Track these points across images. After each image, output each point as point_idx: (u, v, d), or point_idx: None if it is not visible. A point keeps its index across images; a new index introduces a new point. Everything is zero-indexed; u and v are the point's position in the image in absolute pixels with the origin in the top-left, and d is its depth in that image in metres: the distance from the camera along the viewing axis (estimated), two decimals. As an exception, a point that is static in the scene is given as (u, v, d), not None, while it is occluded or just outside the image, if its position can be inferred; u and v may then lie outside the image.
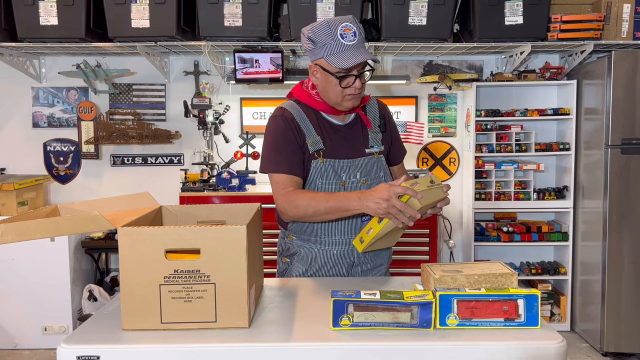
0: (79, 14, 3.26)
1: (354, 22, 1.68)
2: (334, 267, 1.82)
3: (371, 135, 1.82)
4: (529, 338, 1.22)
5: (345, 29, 1.65)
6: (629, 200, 3.32)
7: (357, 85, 1.69)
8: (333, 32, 1.64)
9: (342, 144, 1.79)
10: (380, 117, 1.85)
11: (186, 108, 3.70)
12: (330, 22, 1.66)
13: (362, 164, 1.79)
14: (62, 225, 1.29)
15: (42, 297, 3.42)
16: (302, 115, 1.78)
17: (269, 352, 1.19)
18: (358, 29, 1.67)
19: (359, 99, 1.76)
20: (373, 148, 1.81)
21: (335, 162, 1.76)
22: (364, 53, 1.65)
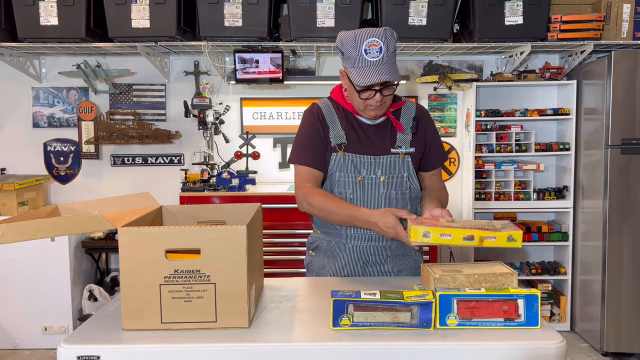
0: (79, 14, 3.26)
1: (383, 36, 1.65)
2: (349, 262, 1.84)
3: (400, 136, 1.82)
4: (529, 338, 1.22)
5: (371, 45, 1.65)
6: (629, 200, 3.32)
7: (377, 99, 1.71)
8: (358, 46, 1.66)
9: (367, 141, 1.81)
10: (414, 119, 1.84)
11: (186, 108, 3.70)
12: (357, 34, 1.67)
13: (384, 161, 1.80)
14: (62, 225, 1.29)
15: (42, 297, 3.42)
16: (331, 111, 1.84)
17: (269, 352, 1.19)
18: (387, 44, 1.65)
19: (383, 110, 1.77)
20: (400, 148, 1.81)
21: (356, 157, 1.79)
22: (384, 72, 1.65)
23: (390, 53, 1.67)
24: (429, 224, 1.45)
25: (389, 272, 1.85)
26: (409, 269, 1.87)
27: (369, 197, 1.79)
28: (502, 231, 1.42)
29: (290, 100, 3.96)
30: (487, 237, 1.41)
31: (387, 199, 1.80)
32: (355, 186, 1.79)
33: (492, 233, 1.41)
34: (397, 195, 1.80)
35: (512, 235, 1.42)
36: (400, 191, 1.81)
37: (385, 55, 1.66)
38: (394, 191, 1.80)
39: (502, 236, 1.42)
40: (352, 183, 1.79)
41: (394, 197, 1.80)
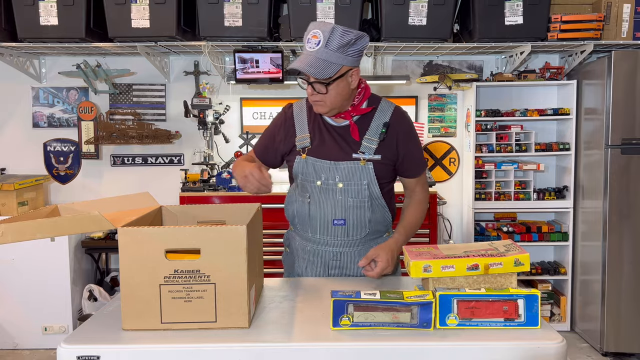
0: (79, 14, 3.26)
1: (328, 31, 1.61)
2: (310, 263, 1.85)
3: (365, 142, 1.76)
4: (529, 338, 1.22)
5: (313, 35, 1.63)
6: (629, 200, 3.32)
7: (309, 92, 1.70)
8: (305, 34, 1.66)
9: (331, 144, 1.78)
10: (385, 125, 1.77)
11: (186, 108, 3.70)
12: (311, 24, 1.66)
13: (343, 167, 1.76)
14: (62, 225, 1.29)
15: (42, 297, 3.42)
16: (303, 113, 1.84)
17: (269, 352, 1.19)
18: (328, 39, 1.60)
19: (324, 108, 1.72)
20: (363, 154, 1.76)
21: (317, 162, 1.77)
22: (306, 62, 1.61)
23: (329, 50, 1.61)
24: (429, 257, 1.39)
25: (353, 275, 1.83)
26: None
27: (325, 202, 1.77)
28: (508, 255, 1.37)
29: (290, 100, 3.93)
30: (492, 264, 1.36)
31: (344, 206, 1.76)
32: (313, 190, 1.78)
33: (497, 259, 1.36)
34: (354, 202, 1.76)
35: (519, 259, 1.37)
36: (359, 199, 1.76)
37: (322, 50, 1.61)
38: (351, 198, 1.76)
39: (508, 261, 1.36)
40: (311, 187, 1.78)
41: (350, 204, 1.76)
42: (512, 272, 1.38)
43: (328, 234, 1.80)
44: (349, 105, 1.76)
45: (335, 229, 1.79)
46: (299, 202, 1.82)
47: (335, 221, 1.78)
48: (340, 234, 1.79)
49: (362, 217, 1.78)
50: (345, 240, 1.80)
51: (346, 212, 1.77)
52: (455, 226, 4.04)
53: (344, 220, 1.77)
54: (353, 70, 1.70)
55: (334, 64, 1.63)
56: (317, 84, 1.67)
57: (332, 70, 1.63)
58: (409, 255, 1.41)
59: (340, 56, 1.63)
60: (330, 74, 1.63)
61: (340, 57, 1.63)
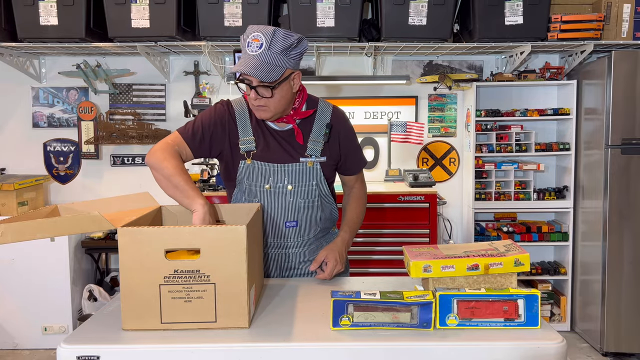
0: (79, 14, 3.26)
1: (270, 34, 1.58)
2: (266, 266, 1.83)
3: (310, 144, 1.76)
4: (529, 338, 1.22)
5: (254, 39, 1.60)
6: (629, 200, 3.32)
7: (252, 96, 1.65)
8: (245, 38, 1.62)
9: (276, 148, 1.76)
10: (327, 126, 1.77)
11: (186, 108, 3.70)
12: (249, 28, 1.63)
13: (291, 170, 1.75)
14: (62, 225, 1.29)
15: (42, 297, 3.42)
16: (245, 115, 1.77)
17: (269, 352, 1.19)
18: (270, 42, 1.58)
19: (267, 113, 1.69)
20: (310, 157, 1.76)
21: (264, 166, 1.75)
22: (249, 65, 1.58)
23: (272, 53, 1.58)
24: (429, 257, 1.39)
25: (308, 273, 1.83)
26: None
27: (276, 205, 1.76)
28: (508, 255, 1.38)
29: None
30: (492, 264, 1.36)
31: (295, 208, 1.76)
32: (262, 194, 1.75)
33: (497, 259, 1.36)
34: (305, 203, 1.77)
35: (520, 259, 1.37)
36: (309, 199, 1.77)
37: (265, 53, 1.58)
38: (301, 200, 1.76)
39: (508, 261, 1.36)
40: (259, 192, 1.75)
41: (302, 206, 1.77)
42: (512, 272, 1.38)
43: (280, 236, 1.79)
44: (290, 109, 1.74)
45: (288, 231, 1.78)
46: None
47: (287, 223, 1.77)
48: (292, 235, 1.80)
49: (314, 217, 1.80)
50: (297, 241, 1.81)
51: (298, 214, 1.77)
52: (455, 226, 4.04)
53: (296, 221, 1.78)
54: (295, 73, 1.68)
55: (279, 66, 1.60)
56: (261, 88, 1.63)
57: (277, 73, 1.60)
58: (409, 255, 1.41)
59: (283, 59, 1.60)
60: (276, 77, 1.60)
61: (283, 60, 1.61)
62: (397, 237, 3.38)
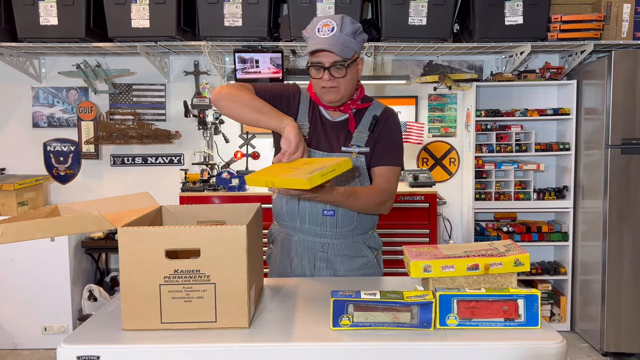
0: (79, 14, 3.26)
1: (339, 19, 1.68)
2: (297, 255, 1.84)
3: (356, 134, 1.81)
4: (529, 338, 1.22)
5: (324, 25, 1.68)
6: (629, 200, 3.32)
7: (326, 77, 1.70)
8: (314, 26, 1.70)
9: (323, 137, 1.81)
10: (374, 118, 1.81)
11: (186, 108, 3.70)
12: (317, 18, 1.72)
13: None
14: (62, 225, 1.29)
15: (42, 297, 3.42)
16: (307, 100, 1.85)
17: (269, 352, 1.19)
18: (340, 25, 1.66)
19: (337, 95, 1.73)
20: (353, 147, 1.79)
21: (311, 152, 1.78)
22: (328, 44, 1.64)
23: (344, 35, 1.66)
24: (429, 257, 1.38)
25: (338, 270, 1.84)
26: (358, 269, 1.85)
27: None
28: (508, 255, 1.38)
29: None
30: (492, 264, 1.36)
31: None
32: None
33: (497, 259, 1.36)
34: None
35: (519, 259, 1.37)
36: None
37: (337, 35, 1.66)
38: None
39: (508, 261, 1.36)
40: None
41: None
42: (512, 272, 1.38)
43: (317, 224, 1.80)
44: (351, 97, 1.80)
45: (325, 220, 1.80)
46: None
47: (325, 211, 1.79)
48: (329, 225, 1.80)
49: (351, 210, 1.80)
50: (333, 232, 1.81)
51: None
52: (455, 226, 4.04)
53: (334, 211, 1.79)
54: (360, 59, 1.77)
55: (350, 47, 1.68)
56: (335, 68, 1.69)
57: (350, 52, 1.68)
58: (409, 255, 1.41)
59: (353, 41, 1.69)
60: (349, 55, 1.68)
61: (353, 42, 1.69)
62: (397, 237, 3.38)
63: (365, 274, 1.87)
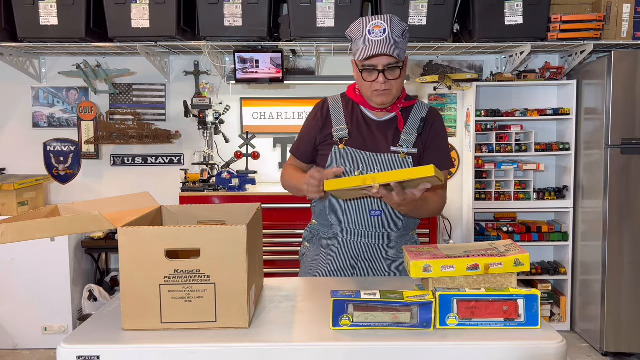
0: (79, 14, 3.26)
1: (388, 20, 1.67)
2: (340, 256, 1.84)
3: (404, 135, 1.80)
4: (529, 338, 1.22)
5: (375, 26, 1.67)
6: (629, 200, 3.32)
7: (381, 80, 1.70)
8: (363, 27, 1.68)
9: (369, 137, 1.80)
10: (422, 120, 1.81)
11: (186, 108, 3.70)
12: (364, 19, 1.71)
13: (383, 160, 1.78)
14: (62, 225, 1.29)
15: (42, 297, 3.42)
16: (339, 106, 1.85)
17: (269, 352, 1.19)
18: (391, 26, 1.66)
19: (390, 97, 1.74)
20: (401, 148, 1.79)
21: (356, 152, 1.78)
22: (384, 47, 1.64)
23: (395, 36, 1.66)
24: (429, 257, 1.39)
25: (378, 270, 1.84)
26: (399, 271, 1.85)
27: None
28: (508, 255, 1.38)
29: (290, 100, 3.96)
30: (492, 264, 1.35)
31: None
32: None
33: (497, 259, 1.36)
34: None
35: (519, 259, 1.37)
36: None
37: (390, 36, 1.66)
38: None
39: (508, 261, 1.36)
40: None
41: None
42: (512, 272, 1.38)
43: (364, 224, 1.80)
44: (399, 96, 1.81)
45: (371, 220, 1.79)
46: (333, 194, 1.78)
47: (372, 212, 1.78)
48: (375, 225, 1.80)
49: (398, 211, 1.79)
50: (379, 232, 1.81)
51: (383, 204, 1.77)
52: (455, 226, 4.04)
53: (381, 211, 1.78)
54: (406, 58, 1.77)
55: (402, 49, 1.69)
56: (389, 70, 1.69)
57: (403, 53, 1.69)
58: (409, 255, 1.41)
59: (404, 42, 1.71)
60: (403, 57, 1.70)
61: (403, 43, 1.71)
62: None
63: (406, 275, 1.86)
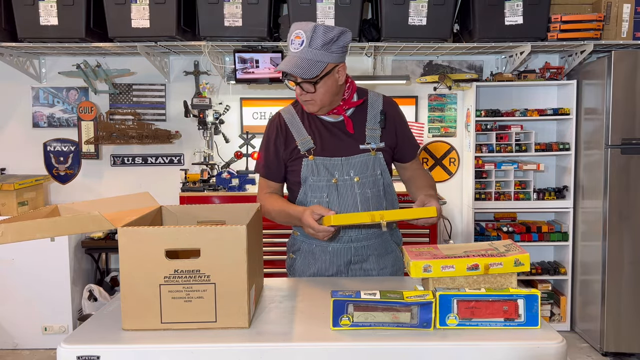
0: (79, 14, 3.25)
1: (310, 30, 1.62)
2: (332, 263, 1.84)
3: (369, 132, 1.81)
4: (529, 338, 1.22)
5: (296, 36, 1.65)
6: (629, 200, 3.32)
7: (297, 92, 1.71)
8: (289, 36, 1.67)
9: (335, 141, 1.80)
10: (382, 113, 1.82)
11: (186, 108, 3.70)
12: (293, 25, 1.68)
13: (356, 162, 1.79)
14: (62, 225, 1.29)
15: (42, 297, 3.42)
16: (294, 118, 1.83)
17: (269, 352, 1.19)
18: (311, 38, 1.62)
19: (314, 106, 1.74)
20: (369, 145, 1.80)
21: (327, 160, 1.78)
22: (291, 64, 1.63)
23: (313, 48, 1.63)
24: (429, 257, 1.39)
25: (370, 270, 1.85)
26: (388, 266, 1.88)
27: (344, 198, 1.78)
28: (508, 255, 1.38)
29: (290, 100, 3.91)
30: (492, 264, 1.36)
31: (363, 199, 1.78)
32: (330, 189, 1.78)
33: (497, 259, 1.36)
34: (372, 193, 1.80)
35: (519, 259, 1.37)
36: (376, 189, 1.80)
37: (306, 50, 1.63)
38: (369, 190, 1.79)
39: (508, 261, 1.36)
40: (326, 186, 1.78)
41: (369, 196, 1.79)
42: (512, 272, 1.38)
43: (352, 230, 1.81)
44: (339, 101, 1.78)
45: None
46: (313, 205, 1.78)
47: None
48: (364, 227, 1.81)
49: (380, 207, 1.81)
50: (368, 233, 1.82)
51: (366, 205, 1.79)
52: (455, 226, 4.04)
53: None
54: (339, 66, 1.71)
55: (320, 62, 1.65)
56: (305, 84, 1.69)
57: (318, 68, 1.65)
58: (409, 255, 1.41)
59: (324, 54, 1.65)
60: (317, 73, 1.65)
61: (325, 55, 1.65)
62: (397, 237, 3.38)
63: (393, 272, 1.89)
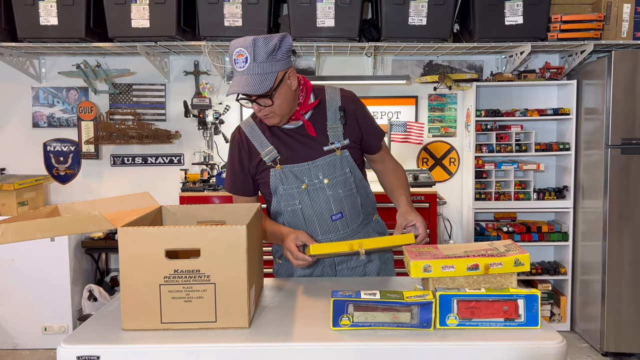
0: (79, 14, 3.26)
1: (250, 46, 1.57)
2: (317, 267, 1.85)
3: (330, 131, 1.78)
4: (529, 338, 1.22)
5: (238, 55, 1.59)
6: (629, 200, 3.32)
7: (255, 109, 1.68)
8: (230, 56, 1.62)
9: (299, 147, 1.78)
10: (341, 109, 1.79)
11: (186, 108, 3.70)
12: (232, 44, 1.62)
13: (323, 164, 1.77)
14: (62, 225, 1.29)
15: (42, 297, 3.42)
16: (255, 130, 1.81)
17: (269, 352, 1.19)
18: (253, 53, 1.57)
19: (275, 119, 1.70)
20: (334, 144, 1.77)
21: (295, 167, 1.77)
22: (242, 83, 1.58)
23: (258, 63, 1.58)
24: (429, 257, 1.39)
25: (356, 268, 1.85)
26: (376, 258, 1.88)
27: (317, 202, 1.77)
28: (508, 255, 1.37)
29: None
30: (492, 264, 1.35)
31: (337, 199, 1.78)
32: (301, 195, 1.77)
33: (497, 259, 1.36)
34: (344, 192, 1.79)
35: (519, 259, 1.37)
36: (347, 188, 1.79)
37: (252, 66, 1.58)
38: (340, 190, 1.78)
39: (508, 261, 1.36)
40: (297, 193, 1.77)
41: (342, 195, 1.78)
42: (512, 272, 1.38)
43: (329, 231, 1.80)
44: (296, 106, 1.75)
45: (335, 224, 1.79)
46: (287, 213, 1.80)
47: (333, 217, 1.79)
48: (341, 228, 1.80)
49: (355, 204, 1.81)
50: (346, 232, 1.81)
51: (341, 205, 1.78)
52: (455, 226, 4.04)
53: (341, 213, 1.79)
54: (288, 71, 1.67)
55: (269, 73, 1.60)
56: (261, 99, 1.64)
57: (270, 80, 1.60)
58: (409, 255, 1.41)
59: (271, 64, 1.60)
60: (270, 85, 1.60)
61: (272, 65, 1.60)
62: (397, 237, 3.38)
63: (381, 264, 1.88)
